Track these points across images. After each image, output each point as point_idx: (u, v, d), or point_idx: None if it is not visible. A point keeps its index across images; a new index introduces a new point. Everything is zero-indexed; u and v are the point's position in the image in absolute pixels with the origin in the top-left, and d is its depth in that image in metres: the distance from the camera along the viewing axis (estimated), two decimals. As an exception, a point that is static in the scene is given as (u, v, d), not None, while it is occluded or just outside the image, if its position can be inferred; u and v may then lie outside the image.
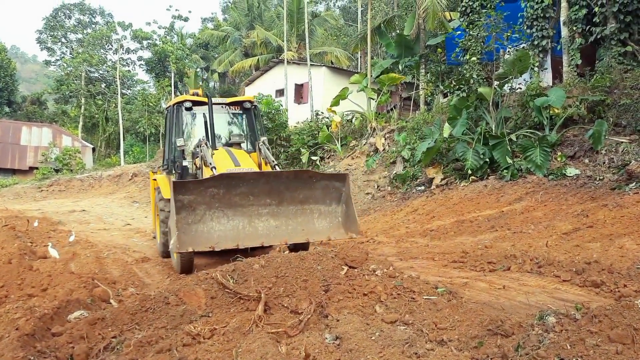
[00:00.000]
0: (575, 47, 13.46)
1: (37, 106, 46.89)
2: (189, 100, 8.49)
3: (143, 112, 37.23)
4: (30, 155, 35.02)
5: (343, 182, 6.83)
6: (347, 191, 6.81)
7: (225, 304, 4.23)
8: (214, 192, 6.26)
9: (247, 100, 9.07)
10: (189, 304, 4.21)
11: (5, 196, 23.47)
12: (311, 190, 6.70)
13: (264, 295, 4.17)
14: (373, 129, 17.91)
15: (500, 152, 11.97)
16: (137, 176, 25.44)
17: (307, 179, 6.71)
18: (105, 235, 11.52)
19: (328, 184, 6.76)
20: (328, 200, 6.82)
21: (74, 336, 3.70)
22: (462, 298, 4.34)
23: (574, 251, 6.56)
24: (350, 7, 42.00)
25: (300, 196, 6.67)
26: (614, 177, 10.05)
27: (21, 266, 6.27)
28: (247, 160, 7.57)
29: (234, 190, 6.36)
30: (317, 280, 4.47)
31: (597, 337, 2.96)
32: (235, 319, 3.94)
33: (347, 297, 4.36)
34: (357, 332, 3.46)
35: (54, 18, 47.69)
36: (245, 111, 8.99)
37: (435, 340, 3.44)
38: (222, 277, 4.46)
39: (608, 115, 11.47)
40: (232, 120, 9.11)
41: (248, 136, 8.93)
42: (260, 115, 9.41)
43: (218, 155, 7.52)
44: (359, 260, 4.97)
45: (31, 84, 76.86)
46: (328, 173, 8.08)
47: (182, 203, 6.09)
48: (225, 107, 8.82)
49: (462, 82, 13.64)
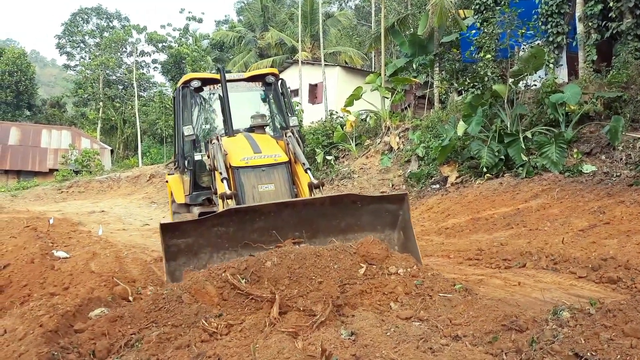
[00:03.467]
0: (591, 43, 13.34)
1: (57, 109, 47.56)
2: (198, 78, 7.25)
3: (160, 114, 37.62)
4: (50, 158, 35.57)
5: (400, 204, 5.42)
6: (406, 214, 5.41)
7: (239, 304, 4.09)
8: (221, 232, 4.98)
9: (269, 73, 7.63)
10: (202, 302, 4.08)
11: (26, 198, 23.89)
12: (356, 216, 5.36)
13: (278, 297, 3.96)
14: (387, 127, 17.89)
15: (516, 149, 11.90)
16: (154, 177, 25.70)
17: (350, 205, 5.35)
18: (125, 235, 11.68)
19: (379, 208, 5.44)
20: (380, 226, 5.44)
21: (95, 333, 3.78)
22: (477, 294, 4.34)
23: (590, 248, 6.53)
24: (364, 7, 41.93)
25: (341, 224, 5.30)
26: (631, 173, 9.95)
27: (43, 266, 6.42)
28: (271, 146, 6.21)
29: (250, 226, 5.03)
30: (333, 282, 4.22)
31: (611, 332, 2.97)
32: (250, 318, 3.91)
33: (364, 297, 4.22)
34: (372, 328, 3.49)
35: (72, 23, 48.40)
36: (268, 87, 7.61)
37: (450, 335, 3.46)
38: (232, 277, 4.17)
39: (625, 112, 11.35)
40: (252, 99, 7.83)
41: (274, 118, 7.64)
42: (289, 91, 7.63)
43: (234, 142, 6.23)
44: (380, 257, 4.52)
45: (50, 88, 77.92)
46: (379, 195, 6.50)
47: (178, 248, 4.88)
48: (244, 83, 7.46)
49: (477, 79, 13.59)
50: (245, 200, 5.53)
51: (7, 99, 42.19)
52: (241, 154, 5.84)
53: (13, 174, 34.21)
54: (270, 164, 5.84)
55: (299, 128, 6.84)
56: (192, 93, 7.21)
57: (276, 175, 5.81)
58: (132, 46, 45.91)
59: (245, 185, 5.67)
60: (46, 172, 34.25)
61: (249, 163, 5.76)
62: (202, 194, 7.23)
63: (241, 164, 5.75)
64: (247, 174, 5.71)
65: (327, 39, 33.18)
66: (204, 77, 7.29)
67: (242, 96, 7.53)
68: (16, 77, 41.93)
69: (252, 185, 5.68)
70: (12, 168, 34.24)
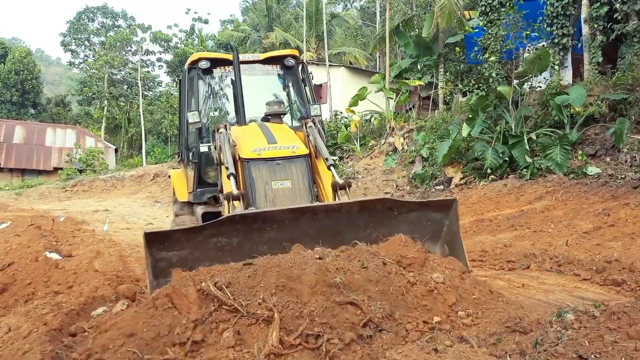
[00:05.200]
0: (596, 45, 13.30)
1: (61, 108, 47.76)
2: (207, 58, 6.43)
3: (165, 113, 37.71)
4: (54, 156, 35.69)
5: (446, 212, 4.57)
6: (453, 225, 4.56)
7: (222, 320, 3.29)
8: (222, 243, 4.11)
9: (289, 55, 6.77)
10: (179, 310, 3.32)
11: (30, 196, 23.97)
12: (391, 226, 4.39)
13: (277, 315, 3.15)
14: (392, 128, 17.89)
15: (520, 151, 11.87)
16: (158, 176, 25.74)
17: (384, 212, 4.43)
18: (128, 235, 11.70)
19: (420, 216, 4.54)
20: (419, 238, 4.34)
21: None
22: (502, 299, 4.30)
23: (594, 250, 6.51)
24: (369, 7, 41.91)
25: (372, 236, 4.33)
26: (636, 175, 9.91)
27: (47, 264, 6.43)
28: (289, 136, 5.35)
29: (258, 236, 4.15)
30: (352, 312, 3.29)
31: (615, 334, 2.96)
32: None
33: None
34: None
35: (78, 21, 48.57)
36: (286, 71, 6.77)
37: (455, 337, 3.46)
38: (215, 288, 3.34)
39: (630, 114, 11.31)
40: (269, 84, 6.96)
41: (294, 106, 6.84)
42: (310, 77, 6.79)
43: (245, 131, 5.41)
44: (418, 262, 3.71)
45: (55, 86, 78.16)
46: (421, 201, 5.63)
47: (167, 263, 4.01)
48: (259, 66, 6.66)
49: (482, 81, 13.57)
50: (257, 200, 4.74)
51: (13, 98, 42.36)
52: (253, 144, 5.02)
53: (17, 172, 34.35)
54: (287, 157, 5.00)
55: (321, 118, 5.97)
56: (200, 75, 6.45)
57: (293, 170, 4.97)
58: (136, 45, 46.06)
59: (256, 181, 4.84)
60: (50, 170, 34.35)
61: (261, 155, 4.93)
62: (207, 191, 6.44)
63: (252, 155, 4.93)
64: (259, 167, 4.89)
65: (332, 39, 33.20)
66: (214, 57, 6.49)
67: (256, 80, 6.67)
68: (22, 76, 42.11)
69: (264, 181, 4.85)
70: (16, 166, 34.38)
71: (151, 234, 4.06)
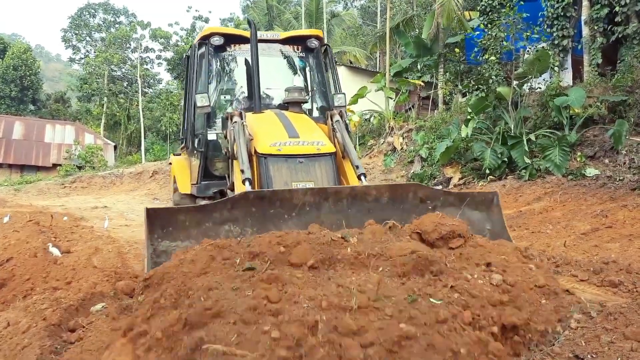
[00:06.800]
0: (596, 47, 13.33)
1: (61, 104, 47.66)
2: (220, 33, 5.66)
3: (164, 111, 37.69)
4: (53, 153, 35.62)
5: (488, 206, 4.09)
6: (497, 220, 4.10)
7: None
8: (229, 229, 3.68)
9: (313, 35, 6.02)
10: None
11: (29, 192, 23.93)
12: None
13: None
14: (391, 128, 17.91)
15: (519, 151, 11.89)
16: (157, 174, 25.71)
17: (416, 202, 3.89)
18: (127, 231, 11.68)
19: (458, 211, 3.96)
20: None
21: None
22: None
23: (592, 251, 6.52)
24: (369, 7, 41.92)
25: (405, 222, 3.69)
26: (634, 177, 9.93)
27: (46, 260, 6.43)
28: (312, 129, 4.77)
29: (271, 221, 3.65)
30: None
31: (612, 334, 2.97)
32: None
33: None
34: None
35: (79, 17, 48.54)
36: (309, 53, 6.05)
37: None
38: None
39: (629, 116, 11.34)
40: (288, 67, 6.23)
41: (318, 93, 6.15)
42: (335, 61, 6.17)
43: (262, 121, 4.82)
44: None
45: (55, 83, 78.08)
46: (459, 192, 5.02)
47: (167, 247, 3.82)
48: (278, 46, 5.90)
49: (481, 81, 13.58)
50: None
51: (12, 94, 42.27)
52: (271, 138, 4.46)
53: (16, 168, 34.29)
54: (311, 155, 4.45)
55: (346, 110, 5.43)
56: (212, 52, 5.72)
57: (318, 170, 4.42)
58: (136, 42, 46.00)
59: (274, 179, 4.31)
60: (49, 167, 34.27)
61: (282, 151, 4.38)
62: (213, 185, 5.80)
63: (271, 150, 4.38)
64: (278, 165, 4.36)
65: (332, 38, 33.17)
66: (229, 33, 5.75)
67: (275, 62, 6.00)
68: (21, 72, 41.99)
69: (284, 181, 4.32)
70: (15, 162, 34.32)
71: (153, 210, 3.85)
